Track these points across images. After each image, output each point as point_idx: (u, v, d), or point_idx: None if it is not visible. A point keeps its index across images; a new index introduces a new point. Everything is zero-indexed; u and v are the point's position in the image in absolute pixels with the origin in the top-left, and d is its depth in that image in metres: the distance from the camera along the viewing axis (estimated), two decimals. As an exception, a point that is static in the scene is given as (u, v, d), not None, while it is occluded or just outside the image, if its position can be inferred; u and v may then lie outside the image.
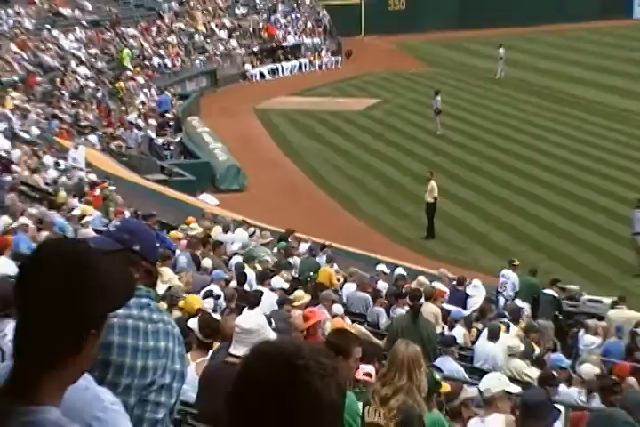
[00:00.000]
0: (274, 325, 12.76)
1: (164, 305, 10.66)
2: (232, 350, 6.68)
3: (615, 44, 59.21)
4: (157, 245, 4.38)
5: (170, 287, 14.65)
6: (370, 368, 8.22)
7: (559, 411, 7.46)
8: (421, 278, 18.37)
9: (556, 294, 20.10)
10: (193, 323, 9.15)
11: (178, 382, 4.40)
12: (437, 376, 8.35)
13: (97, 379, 3.03)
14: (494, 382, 7.91)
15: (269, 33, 57.08)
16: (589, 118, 41.79)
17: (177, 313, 11.53)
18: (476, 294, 19.46)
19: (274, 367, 2.27)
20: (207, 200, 29.71)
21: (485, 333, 14.77)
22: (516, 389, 8.31)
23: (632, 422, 4.61)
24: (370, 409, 6.63)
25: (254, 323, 6.72)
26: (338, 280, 18.64)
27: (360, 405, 6.76)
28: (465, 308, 18.31)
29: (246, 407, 2.28)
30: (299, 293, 14.82)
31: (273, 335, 6.80)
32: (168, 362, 4.23)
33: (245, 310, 13.34)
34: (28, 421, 2.45)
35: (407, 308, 14.44)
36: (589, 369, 12.75)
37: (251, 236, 22.04)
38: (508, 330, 15.03)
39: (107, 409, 2.84)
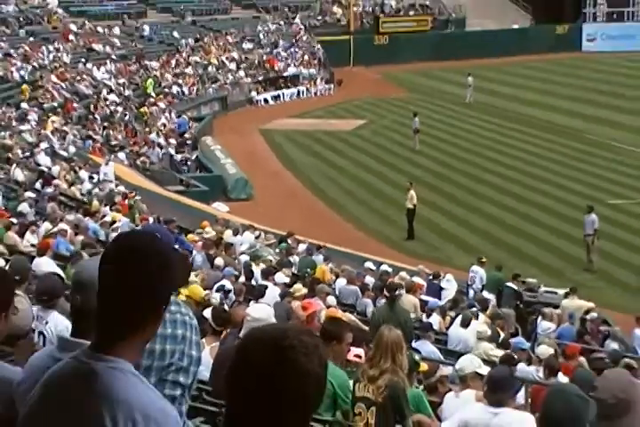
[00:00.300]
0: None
1: (182, 298, 10.63)
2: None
3: (567, 72, 59.26)
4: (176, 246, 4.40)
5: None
6: (359, 351, 8.23)
7: (520, 385, 7.48)
8: (403, 274, 18.40)
9: (516, 287, 20.12)
10: (207, 313, 9.16)
11: (194, 366, 4.40)
12: (417, 357, 8.37)
13: None
14: (467, 363, 7.94)
15: (271, 64, 57.08)
16: (545, 136, 41.81)
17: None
18: (450, 287, 19.50)
19: (263, 349, 2.28)
20: (219, 208, 29.71)
21: (459, 320, 14.80)
22: (486, 370, 8.31)
23: (583, 395, 4.61)
24: (360, 386, 6.65)
25: (263, 312, 6.74)
26: (331, 276, 18.63)
27: (351, 382, 6.77)
28: (440, 299, 18.33)
29: (242, 386, 2.29)
30: (297, 286, 14.83)
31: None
32: (185, 348, 4.23)
33: (252, 302, 13.38)
34: (111, 367, 2.58)
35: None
36: (545, 350, 12.75)
37: (257, 238, 22.04)
38: (477, 318, 15.06)
39: (161, 407, 2.85)
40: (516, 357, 11.39)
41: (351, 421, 6.64)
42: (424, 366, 8.75)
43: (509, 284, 20.09)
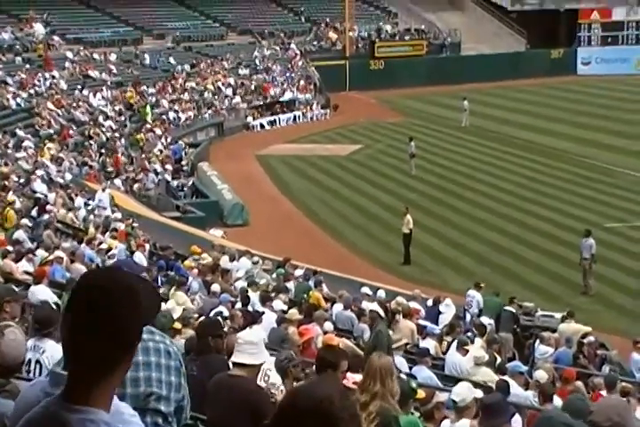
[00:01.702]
0: (267, 340, 12.85)
1: (178, 325, 10.63)
2: (234, 358, 6.70)
3: (563, 96, 59.58)
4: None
5: (184, 309, 14.70)
6: (358, 377, 8.25)
7: (514, 410, 7.51)
8: (399, 299, 18.37)
9: (514, 310, 20.15)
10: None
11: (175, 392, 4.43)
12: (413, 385, 8.38)
13: None
14: (465, 393, 7.94)
15: (267, 90, 57.29)
16: (541, 160, 42.00)
17: (190, 331, 11.51)
18: (448, 311, 19.49)
19: (314, 419, 2.28)
20: (214, 233, 29.64)
21: (454, 345, 14.82)
22: (479, 394, 8.34)
23: (570, 422, 4.66)
24: None
25: (255, 337, 6.77)
26: (326, 302, 18.61)
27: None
28: (437, 323, 18.34)
29: None
30: (292, 311, 14.84)
31: (266, 353, 6.84)
32: (162, 375, 4.26)
33: (248, 329, 13.40)
34: (85, 418, 2.52)
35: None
36: (542, 375, 12.77)
37: (255, 264, 22.05)
38: (472, 342, 15.07)
39: (127, 422, 2.82)
40: (511, 382, 11.40)
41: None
42: (421, 394, 8.76)
43: (507, 307, 20.13)
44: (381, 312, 14.18)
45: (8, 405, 3.64)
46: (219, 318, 13.41)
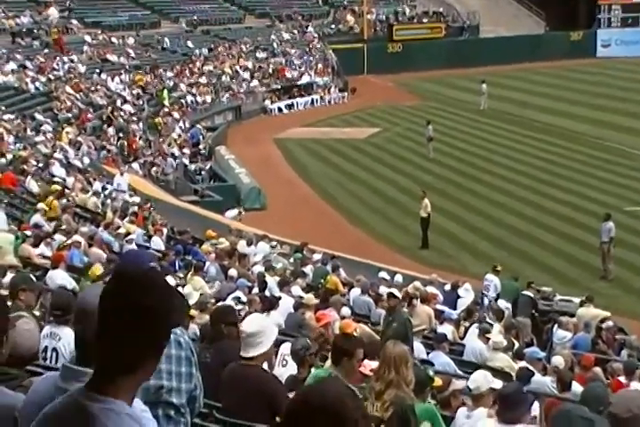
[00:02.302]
0: (283, 326, 12.80)
1: (194, 312, 10.59)
2: (242, 353, 6.61)
3: (582, 79, 59.10)
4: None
5: (201, 294, 14.69)
6: (375, 364, 8.17)
7: (533, 399, 7.42)
8: (417, 283, 18.24)
9: (532, 295, 20.03)
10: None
11: (186, 383, 4.38)
12: (430, 373, 8.32)
13: None
14: (483, 381, 7.87)
15: (284, 73, 57.10)
16: (560, 143, 41.70)
17: (207, 317, 11.46)
18: (467, 296, 19.38)
19: (325, 420, 2.27)
20: (228, 214, 29.51)
21: (475, 331, 14.75)
22: (498, 384, 8.26)
23: (589, 417, 4.57)
24: (367, 404, 6.62)
25: (256, 325, 6.61)
26: (344, 286, 18.55)
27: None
28: (455, 308, 18.26)
29: None
30: (308, 296, 14.76)
31: (275, 333, 6.71)
32: (173, 367, 4.22)
33: (265, 314, 13.35)
34: (106, 408, 2.55)
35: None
36: (560, 361, 12.68)
37: (273, 248, 22.02)
38: (491, 328, 15.00)
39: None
40: (531, 369, 11.30)
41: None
42: (438, 382, 8.69)
43: (525, 292, 20.01)
44: (398, 293, 14.06)
45: (19, 398, 3.59)
46: (232, 304, 13.39)
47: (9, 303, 8.07)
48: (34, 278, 9.40)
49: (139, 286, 2.61)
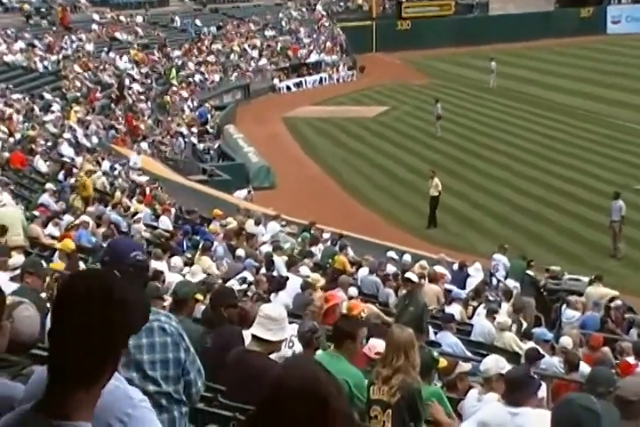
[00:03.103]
0: (291, 306, 12.72)
1: (200, 296, 10.41)
2: (252, 330, 6.55)
3: (592, 56, 58.64)
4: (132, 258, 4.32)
5: (208, 275, 14.63)
6: (381, 346, 8.09)
7: (539, 382, 7.34)
8: (423, 263, 18.15)
9: (533, 274, 19.87)
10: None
11: (174, 369, 4.32)
12: (435, 354, 8.25)
13: None
14: (493, 365, 7.80)
15: (294, 52, 56.86)
16: (569, 121, 41.45)
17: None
18: (476, 275, 19.28)
19: (303, 400, 2.24)
20: (238, 194, 29.45)
21: (483, 311, 14.68)
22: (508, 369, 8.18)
23: (591, 406, 4.48)
24: (374, 388, 6.57)
25: (277, 313, 6.60)
26: (352, 266, 18.46)
27: (365, 382, 6.68)
28: (464, 287, 18.17)
29: None
30: (315, 276, 14.64)
31: (289, 332, 6.70)
32: (156, 355, 4.17)
33: (273, 295, 13.29)
34: None
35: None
36: (568, 341, 12.62)
37: (283, 227, 21.94)
38: (500, 307, 14.94)
39: (136, 406, 2.76)
40: (541, 351, 11.24)
41: (367, 423, 6.55)
42: (443, 362, 8.62)
43: (528, 271, 19.88)
44: (414, 278, 13.91)
45: (18, 388, 3.52)
46: (236, 284, 13.33)
47: (17, 285, 8.06)
48: (44, 263, 9.37)
49: (97, 290, 2.45)
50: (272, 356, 6.60)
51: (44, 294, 8.82)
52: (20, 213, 15.87)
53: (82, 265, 12.52)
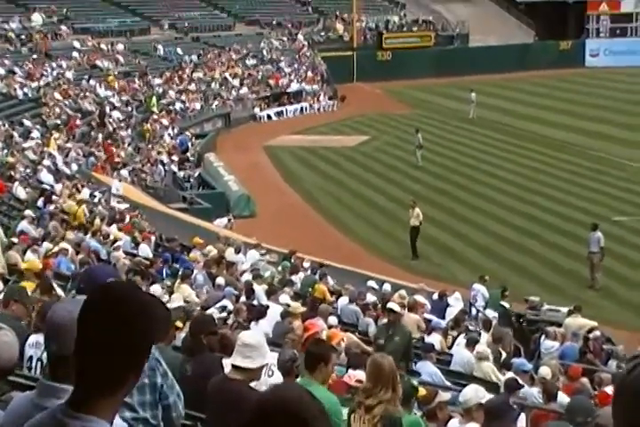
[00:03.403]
0: (270, 335, 12.72)
1: (180, 323, 10.44)
2: (232, 360, 6.57)
3: (571, 88, 59.33)
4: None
5: (187, 302, 14.60)
6: (361, 375, 8.12)
7: (518, 412, 7.41)
8: (402, 292, 18.20)
9: (507, 305, 19.95)
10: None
11: (150, 394, 4.34)
12: (415, 382, 8.28)
13: None
14: (473, 395, 7.84)
15: (275, 81, 57.14)
16: (549, 152, 41.81)
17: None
18: (456, 304, 19.35)
19: (285, 418, 2.28)
20: (218, 223, 29.48)
21: (463, 341, 14.71)
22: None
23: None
24: (355, 416, 6.58)
25: (254, 340, 6.63)
26: (332, 295, 18.48)
27: (345, 410, 6.68)
28: (444, 317, 18.22)
29: None
30: (295, 304, 14.66)
31: (268, 357, 6.72)
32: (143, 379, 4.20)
33: (253, 322, 13.29)
34: (86, 426, 2.50)
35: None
36: (547, 372, 12.67)
37: (262, 255, 21.93)
38: (480, 337, 14.98)
39: None
40: (520, 382, 11.29)
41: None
42: (422, 391, 8.66)
43: (501, 302, 19.98)
44: (397, 308, 13.90)
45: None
46: (215, 313, 13.32)
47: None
48: (29, 292, 9.35)
49: (116, 304, 2.55)
50: (252, 384, 6.61)
51: (23, 322, 8.81)
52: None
53: (55, 286, 12.42)
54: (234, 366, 6.55)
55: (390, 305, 14.29)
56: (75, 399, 2.55)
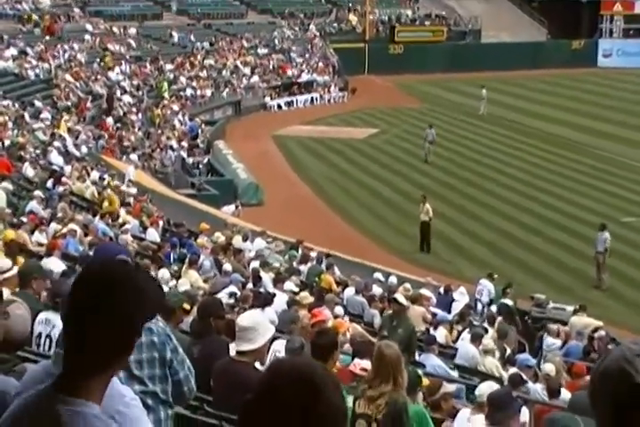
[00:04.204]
0: (277, 323, 12.72)
1: (187, 306, 10.43)
2: (235, 347, 6.60)
3: (582, 88, 59.18)
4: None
5: (191, 286, 14.65)
6: (366, 364, 8.14)
7: (521, 404, 7.43)
8: (407, 285, 18.19)
9: (510, 302, 19.91)
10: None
11: (160, 368, 4.36)
12: (420, 372, 8.29)
13: None
14: (486, 391, 7.86)
15: (283, 71, 57.02)
16: (558, 151, 41.72)
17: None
18: (461, 299, 19.37)
19: (297, 386, 2.22)
20: (226, 210, 29.51)
21: (468, 336, 14.73)
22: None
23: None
24: (360, 402, 6.58)
25: (250, 321, 6.57)
26: (338, 285, 18.50)
27: (351, 398, 6.68)
28: (449, 311, 18.24)
29: (270, 423, 2.22)
30: (303, 294, 14.73)
31: (270, 331, 6.68)
32: (143, 355, 4.22)
33: (251, 309, 13.31)
34: (75, 411, 2.45)
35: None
36: (550, 368, 12.69)
37: (269, 244, 21.96)
38: (486, 333, 15.01)
39: (128, 404, 2.81)
40: (524, 377, 11.31)
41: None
42: (426, 382, 8.68)
43: (503, 300, 19.94)
44: (402, 300, 13.90)
45: (11, 383, 3.57)
46: (224, 298, 13.34)
47: (16, 290, 8.08)
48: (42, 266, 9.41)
49: (110, 278, 2.52)
50: (258, 365, 6.62)
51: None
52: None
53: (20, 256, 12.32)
54: (238, 352, 6.57)
55: (396, 296, 14.32)
56: (63, 382, 2.51)
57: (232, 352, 7.10)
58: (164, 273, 15.16)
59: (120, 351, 2.53)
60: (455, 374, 12.60)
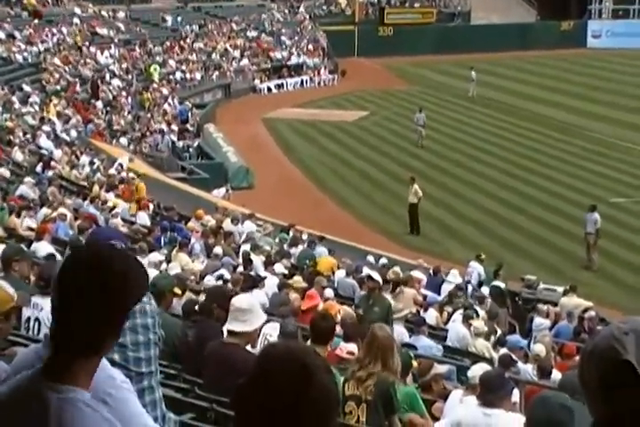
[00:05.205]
0: (267, 305, 12.72)
1: (178, 290, 10.44)
2: (228, 326, 6.58)
3: (571, 69, 59.14)
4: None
5: (183, 270, 14.61)
6: (352, 347, 8.14)
7: (513, 385, 7.42)
8: (396, 268, 18.13)
9: (502, 285, 19.92)
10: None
11: (145, 351, 4.35)
12: (411, 354, 8.29)
13: None
14: (477, 372, 7.88)
15: (268, 52, 56.61)
16: (547, 132, 41.74)
17: (190, 295, 11.36)
18: (453, 281, 19.37)
19: (289, 368, 2.22)
20: (216, 193, 29.46)
21: (459, 317, 14.74)
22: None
23: (568, 405, 4.54)
24: (349, 384, 6.60)
25: (246, 303, 6.60)
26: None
27: (341, 379, 6.69)
28: (439, 293, 18.24)
29: (262, 404, 2.21)
30: (296, 278, 14.74)
31: (262, 316, 6.69)
32: (140, 336, 4.20)
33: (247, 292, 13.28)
34: (63, 398, 2.42)
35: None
36: (540, 349, 12.72)
37: (259, 226, 21.92)
38: (477, 315, 15.02)
39: (118, 387, 2.81)
40: (514, 357, 11.33)
41: (342, 419, 6.58)
42: (414, 364, 8.69)
43: (494, 282, 19.95)
44: (376, 276, 13.94)
45: (1, 366, 3.54)
46: (208, 282, 13.32)
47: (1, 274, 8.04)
48: (25, 248, 9.36)
49: (97, 262, 2.51)
50: (249, 348, 6.62)
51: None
52: None
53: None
54: (230, 332, 6.56)
55: (371, 273, 14.36)
56: (51, 367, 2.49)
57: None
58: (154, 257, 15.10)
59: (105, 335, 2.50)
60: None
